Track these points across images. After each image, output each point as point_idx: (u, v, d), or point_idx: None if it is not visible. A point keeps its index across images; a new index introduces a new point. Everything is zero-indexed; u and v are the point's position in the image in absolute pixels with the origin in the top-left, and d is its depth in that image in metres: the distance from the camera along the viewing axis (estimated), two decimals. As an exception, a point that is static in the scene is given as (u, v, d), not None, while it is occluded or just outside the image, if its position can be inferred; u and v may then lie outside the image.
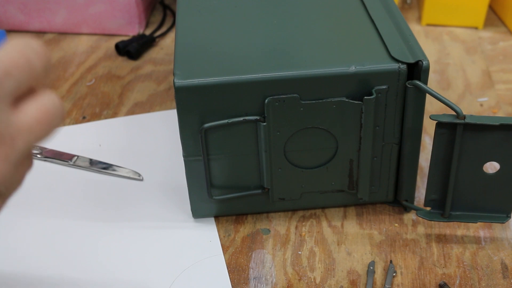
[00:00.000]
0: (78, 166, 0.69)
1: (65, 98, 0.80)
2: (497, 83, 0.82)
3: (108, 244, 0.59)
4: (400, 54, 0.53)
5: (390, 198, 0.61)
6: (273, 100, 0.53)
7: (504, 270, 0.56)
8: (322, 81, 0.52)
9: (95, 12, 0.91)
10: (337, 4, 0.63)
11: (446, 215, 0.57)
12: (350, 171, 0.58)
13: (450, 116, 0.52)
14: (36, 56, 0.35)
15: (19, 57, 0.34)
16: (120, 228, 0.61)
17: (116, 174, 0.68)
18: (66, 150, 0.70)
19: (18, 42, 0.35)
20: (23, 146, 0.36)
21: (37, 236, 0.61)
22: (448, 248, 0.58)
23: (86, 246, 0.59)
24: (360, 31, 0.58)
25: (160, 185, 0.66)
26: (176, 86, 0.52)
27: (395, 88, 0.53)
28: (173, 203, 0.63)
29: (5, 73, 0.34)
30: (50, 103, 0.38)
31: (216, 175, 0.58)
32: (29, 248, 0.59)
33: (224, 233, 0.60)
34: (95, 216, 0.63)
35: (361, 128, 0.54)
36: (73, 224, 0.62)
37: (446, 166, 0.55)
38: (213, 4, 0.64)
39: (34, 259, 0.58)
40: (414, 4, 1.01)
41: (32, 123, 0.36)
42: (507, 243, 0.59)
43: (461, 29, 0.94)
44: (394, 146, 0.57)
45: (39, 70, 0.35)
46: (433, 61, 0.86)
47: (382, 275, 0.56)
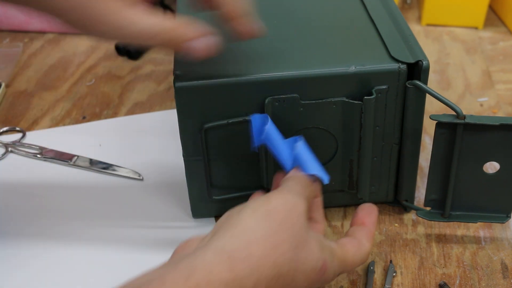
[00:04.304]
0: (78, 166, 0.69)
1: (65, 98, 0.80)
2: (497, 83, 0.82)
3: (107, 244, 0.59)
4: (400, 54, 0.53)
5: (390, 198, 0.61)
6: (273, 100, 0.53)
7: (504, 270, 0.56)
8: (322, 81, 0.52)
9: (95, 12, 0.91)
10: (337, 4, 0.63)
11: (446, 215, 0.57)
12: (350, 171, 0.58)
13: (450, 116, 0.52)
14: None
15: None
16: (120, 228, 0.61)
17: (116, 174, 0.68)
18: (66, 150, 0.70)
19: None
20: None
21: (36, 236, 0.60)
22: (448, 248, 0.58)
23: (86, 246, 0.59)
24: (360, 31, 0.58)
25: (160, 185, 0.66)
26: (176, 87, 0.52)
27: (395, 88, 0.53)
28: (173, 203, 0.63)
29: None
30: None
31: (216, 175, 0.58)
32: (28, 247, 0.59)
33: (224, 233, 0.60)
34: (95, 216, 0.63)
35: (361, 128, 0.54)
36: (73, 224, 0.62)
37: (446, 166, 0.55)
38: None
39: (33, 259, 0.58)
40: (414, 4, 1.01)
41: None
42: (507, 243, 0.59)
43: (461, 29, 0.94)
44: (394, 146, 0.57)
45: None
46: (433, 61, 0.86)
47: (382, 275, 0.56)
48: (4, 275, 0.57)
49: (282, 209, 0.43)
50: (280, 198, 0.44)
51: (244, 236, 0.41)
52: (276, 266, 0.41)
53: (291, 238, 0.42)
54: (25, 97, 0.81)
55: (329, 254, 0.45)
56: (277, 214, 0.42)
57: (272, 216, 0.42)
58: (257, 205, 0.43)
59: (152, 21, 0.45)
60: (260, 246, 0.40)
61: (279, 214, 0.42)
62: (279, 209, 0.43)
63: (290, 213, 0.43)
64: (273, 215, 0.42)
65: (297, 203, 0.44)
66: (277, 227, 0.42)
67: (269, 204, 0.43)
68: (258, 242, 0.40)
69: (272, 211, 0.42)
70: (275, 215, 0.42)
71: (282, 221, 0.42)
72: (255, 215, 0.42)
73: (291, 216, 0.43)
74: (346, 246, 0.48)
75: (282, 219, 0.42)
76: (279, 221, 0.42)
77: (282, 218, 0.42)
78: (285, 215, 0.42)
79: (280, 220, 0.42)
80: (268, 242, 0.41)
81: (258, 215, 0.42)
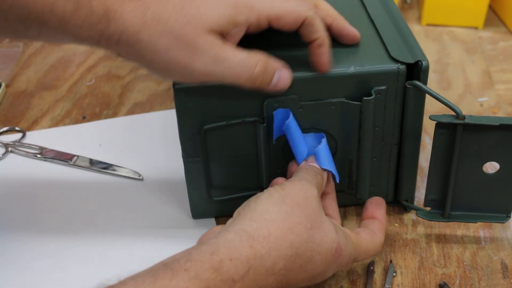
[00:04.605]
0: (78, 166, 0.69)
1: (65, 98, 0.80)
2: (497, 83, 0.82)
3: (107, 244, 0.59)
4: (400, 55, 0.53)
5: (390, 198, 0.61)
6: (272, 101, 0.53)
7: (504, 270, 0.56)
8: (321, 82, 0.52)
9: (95, 12, 0.91)
10: (337, 4, 0.63)
11: (446, 215, 0.57)
12: (350, 172, 0.58)
13: (450, 117, 0.52)
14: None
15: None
16: (119, 228, 0.61)
17: (116, 174, 0.68)
18: (66, 150, 0.70)
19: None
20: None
21: (36, 236, 0.60)
22: (448, 248, 0.58)
23: (86, 246, 0.59)
24: (360, 31, 0.58)
25: (160, 185, 0.66)
26: (176, 88, 0.52)
27: (394, 88, 0.53)
28: (173, 203, 0.63)
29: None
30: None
31: (215, 176, 0.58)
32: (28, 247, 0.59)
33: (224, 233, 0.60)
34: (95, 216, 0.63)
35: (360, 128, 0.54)
36: (73, 223, 0.62)
37: (446, 166, 0.55)
38: None
39: (33, 259, 0.58)
40: (414, 4, 1.01)
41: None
42: (507, 243, 0.59)
43: (461, 29, 0.94)
44: (393, 147, 0.57)
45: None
46: (433, 61, 0.86)
47: (382, 275, 0.56)
48: (3, 274, 0.57)
49: (296, 194, 0.47)
50: (293, 186, 0.48)
51: (262, 217, 0.45)
52: (293, 247, 0.44)
53: (306, 220, 0.46)
54: (25, 97, 0.81)
55: (343, 237, 0.48)
56: (292, 198, 0.46)
57: (288, 200, 0.46)
58: (272, 191, 0.47)
59: (245, 55, 0.48)
60: (278, 227, 0.44)
61: (294, 198, 0.46)
62: (293, 194, 0.47)
63: (303, 197, 0.47)
64: (288, 199, 0.46)
65: (308, 189, 0.48)
66: (292, 210, 0.46)
67: (284, 190, 0.47)
68: (275, 223, 0.44)
69: (287, 195, 0.46)
70: (290, 199, 0.46)
71: (297, 204, 0.46)
72: (272, 199, 0.46)
73: (305, 200, 0.47)
74: (360, 233, 0.51)
75: (297, 203, 0.46)
76: (294, 204, 0.46)
77: (296, 202, 0.46)
78: (299, 199, 0.46)
79: (295, 204, 0.46)
80: (285, 223, 0.45)
81: (274, 199, 0.46)
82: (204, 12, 0.46)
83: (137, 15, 0.46)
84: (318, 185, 0.50)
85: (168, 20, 0.46)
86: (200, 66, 0.47)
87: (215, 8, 0.47)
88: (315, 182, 0.49)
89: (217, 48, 0.47)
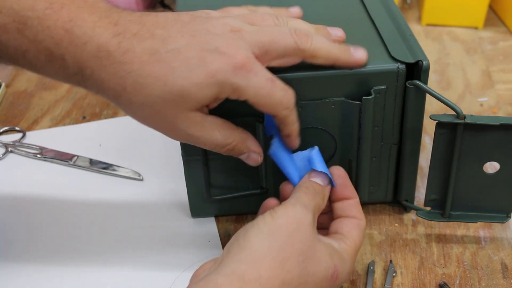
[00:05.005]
0: (78, 166, 0.69)
1: (65, 98, 0.80)
2: (497, 83, 0.82)
3: (107, 244, 0.59)
4: (400, 54, 0.53)
5: (389, 198, 0.61)
6: (273, 100, 0.52)
7: (504, 270, 0.56)
8: (321, 81, 0.52)
9: (95, 12, 0.91)
10: (337, 4, 0.63)
11: (446, 215, 0.57)
12: (349, 171, 0.57)
13: (450, 116, 0.52)
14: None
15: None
16: (119, 228, 0.61)
17: (116, 174, 0.68)
18: (66, 150, 0.70)
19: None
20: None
21: (36, 236, 0.60)
22: (448, 248, 0.58)
23: (86, 246, 0.59)
24: (360, 31, 0.58)
25: (160, 185, 0.66)
26: None
27: (394, 88, 0.53)
28: (173, 203, 0.63)
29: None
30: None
31: (215, 175, 0.58)
32: (28, 247, 0.59)
33: (224, 233, 0.60)
34: (95, 216, 0.63)
35: (359, 128, 0.54)
36: (73, 224, 0.62)
37: (446, 166, 0.55)
38: (212, 4, 0.64)
39: (33, 258, 0.58)
40: (414, 4, 1.01)
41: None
42: (507, 243, 0.59)
43: (461, 29, 0.94)
44: (393, 146, 0.57)
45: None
46: (433, 61, 0.86)
47: (382, 275, 0.56)
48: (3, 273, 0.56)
49: (287, 225, 0.44)
50: (285, 214, 0.45)
51: (252, 257, 0.42)
52: (285, 284, 0.42)
53: (298, 252, 0.43)
54: (25, 97, 0.81)
55: (339, 259, 0.46)
56: (282, 231, 0.44)
57: (277, 234, 0.43)
58: (262, 223, 0.44)
59: (220, 136, 0.48)
60: (269, 266, 0.42)
61: (285, 230, 0.44)
62: (284, 225, 0.44)
63: (295, 227, 0.44)
64: (278, 232, 0.44)
65: (302, 217, 0.45)
66: (283, 244, 0.43)
67: (274, 221, 0.44)
68: (265, 262, 0.42)
69: (276, 228, 0.44)
70: (280, 232, 0.44)
71: (288, 237, 0.43)
72: (261, 235, 0.43)
73: (297, 230, 0.44)
74: (353, 236, 0.49)
75: (288, 235, 0.43)
76: (284, 238, 0.43)
77: (287, 234, 0.44)
78: (291, 230, 0.44)
79: (286, 237, 0.43)
80: (276, 261, 0.42)
81: (263, 235, 0.43)
82: (189, 93, 0.44)
83: (116, 81, 0.44)
84: (316, 207, 0.48)
85: (151, 94, 0.44)
86: (175, 136, 0.48)
87: (200, 88, 0.44)
88: (313, 205, 0.47)
89: (194, 128, 0.46)
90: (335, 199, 0.51)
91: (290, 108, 0.47)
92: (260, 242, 0.43)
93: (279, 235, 0.43)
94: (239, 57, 0.44)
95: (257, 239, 0.43)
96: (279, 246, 0.43)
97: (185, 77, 0.44)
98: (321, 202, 0.49)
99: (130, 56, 0.43)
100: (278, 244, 0.43)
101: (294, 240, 0.43)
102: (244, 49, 0.45)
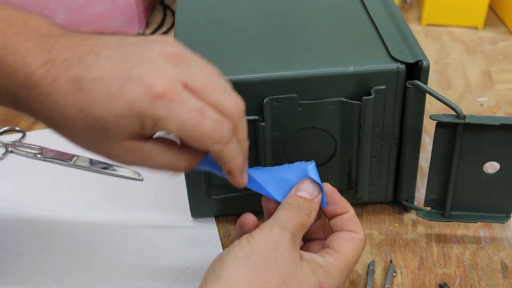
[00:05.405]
0: (78, 166, 0.69)
1: (65, 98, 0.80)
2: (497, 83, 0.82)
3: (108, 244, 0.59)
4: (400, 54, 0.53)
5: (389, 198, 0.61)
6: (272, 100, 0.53)
7: (504, 270, 0.56)
8: (321, 81, 0.52)
9: (95, 12, 0.91)
10: (337, 4, 0.63)
11: (446, 215, 0.57)
12: (349, 171, 0.58)
13: (450, 116, 0.52)
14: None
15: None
16: (119, 228, 0.61)
17: (116, 174, 0.68)
18: (66, 150, 0.70)
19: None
20: None
21: (36, 236, 0.60)
22: (448, 248, 0.58)
23: (86, 246, 0.59)
24: (360, 31, 0.58)
25: (160, 185, 0.66)
26: None
27: (394, 88, 0.53)
28: (173, 203, 0.63)
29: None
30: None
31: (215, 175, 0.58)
32: (28, 247, 0.59)
33: (224, 233, 0.60)
34: (94, 216, 0.63)
35: (359, 128, 0.54)
36: (73, 224, 0.62)
37: (446, 166, 0.55)
38: (212, 4, 0.64)
39: (32, 258, 0.58)
40: (414, 4, 1.01)
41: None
42: (507, 243, 0.59)
43: (461, 29, 0.94)
44: (393, 146, 0.57)
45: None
46: (433, 61, 0.86)
47: (382, 275, 0.56)
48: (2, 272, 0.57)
49: (263, 249, 0.42)
50: (262, 238, 0.43)
51: (228, 286, 0.41)
52: None
53: (277, 276, 0.41)
54: (25, 97, 0.80)
55: (324, 274, 0.44)
56: (258, 255, 0.42)
57: (253, 259, 0.42)
58: (237, 249, 0.43)
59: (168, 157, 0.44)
60: None
61: (261, 255, 0.42)
62: (259, 250, 0.42)
63: (272, 250, 0.42)
64: (254, 258, 0.42)
65: (279, 238, 0.43)
66: (260, 269, 0.41)
67: (250, 245, 0.42)
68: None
69: (252, 253, 0.42)
70: (256, 258, 0.42)
71: (265, 262, 0.42)
72: (236, 262, 0.42)
73: (274, 253, 0.42)
74: (342, 249, 0.46)
75: (265, 260, 0.42)
76: (261, 263, 0.42)
77: (263, 259, 0.42)
78: (267, 254, 0.42)
79: (262, 262, 0.42)
80: (254, 287, 0.41)
81: (239, 262, 0.42)
82: (110, 125, 0.41)
83: (45, 112, 0.42)
84: (298, 225, 0.45)
85: (76, 125, 0.42)
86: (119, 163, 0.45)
87: (119, 119, 0.41)
88: (293, 224, 0.44)
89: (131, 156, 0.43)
90: (329, 217, 0.49)
91: (224, 142, 0.42)
92: (236, 270, 0.41)
93: (256, 261, 0.42)
94: (160, 85, 0.40)
95: (233, 267, 0.42)
96: (257, 272, 0.41)
97: (105, 108, 0.40)
98: (306, 219, 0.46)
99: (55, 85, 0.41)
100: (255, 270, 0.41)
101: (271, 264, 0.42)
102: (170, 77, 0.41)
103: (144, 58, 0.41)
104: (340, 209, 0.48)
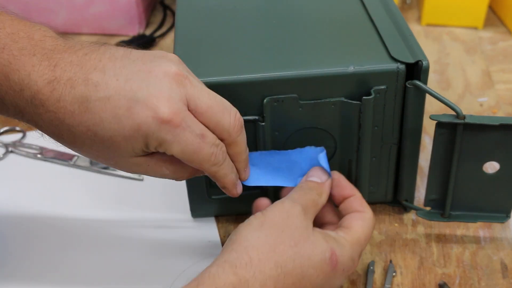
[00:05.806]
0: (78, 166, 0.69)
1: (65, 98, 0.80)
2: (497, 83, 0.82)
3: (107, 244, 0.59)
4: (400, 54, 0.53)
5: (389, 198, 0.61)
6: (272, 100, 0.53)
7: (504, 270, 0.56)
8: (321, 81, 0.52)
9: (95, 12, 0.91)
10: (336, 4, 0.63)
11: (446, 215, 0.57)
12: (349, 171, 0.58)
13: (450, 116, 0.52)
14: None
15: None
16: (119, 228, 0.61)
17: (116, 174, 0.68)
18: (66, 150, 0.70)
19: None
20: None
21: (36, 236, 0.61)
22: (448, 248, 0.58)
23: (86, 246, 0.59)
24: (359, 31, 0.58)
25: (160, 185, 0.66)
26: None
27: (394, 88, 0.53)
28: (173, 203, 0.63)
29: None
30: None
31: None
32: (28, 247, 0.59)
33: (224, 233, 0.60)
34: (95, 216, 0.63)
35: (359, 128, 0.54)
36: (73, 224, 0.62)
37: (446, 166, 0.55)
38: (212, 4, 0.64)
39: (32, 258, 0.58)
40: (414, 4, 1.01)
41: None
42: (507, 243, 0.59)
43: (461, 29, 0.94)
44: (393, 146, 0.57)
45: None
46: (433, 61, 0.86)
47: (382, 275, 0.56)
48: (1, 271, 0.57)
49: (275, 217, 0.47)
50: (273, 209, 0.47)
51: (242, 246, 0.45)
52: (278, 266, 0.44)
53: (289, 238, 0.45)
54: (25, 97, 0.80)
55: (335, 243, 0.47)
56: (271, 222, 0.46)
57: (266, 224, 0.46)
58: (252, 218, 0.47)
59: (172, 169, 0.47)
60: (259, 250, 0.44)
61: (273, 221, 0.46)
62: (272, 217, 0.46)
63: (283, 218, 0.46)
64: (267, 223, 0.46)
65: (290, 208, 0.47)
66: (272, 232, 0.45)
67: (263, 215, 0.47)
68: (255, 247, 0.44)
69: (265, 220, 0.46)
70: (269, 223, 0.46)
71: (276, 226, 0.46)
72: (250, 227, 0.46)
73: (285, 220, 0.46)
74: (352, 226, 0.50)
75: (276, 225, 0.46)
76: (273, 227, 0.46)
77: (276, 224, 0.46)
78: (279, 221, 0.46)
79: (274, 226, 0.46)
80: (266, 246, 0.44)
81: (253, 226, 0.46)
82: (118, 145, 0.43)
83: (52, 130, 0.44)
84: (308, 201, 0.49)
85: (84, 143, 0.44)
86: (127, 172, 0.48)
87: (127, 140, 0.43)
88: (304, 200, 0.49)
89: (137, 169, 0.46)
90: (337, 202, 0.53)
91: (219, 164, 0.46)
92: (249, 233, 0.45)
93: (268, 226, 0.46)
94: (166, 110, 0.42)
95: (246, 231, 0.46)
96: (269, 234, 0.45)
97: (112, 128, 0.42)
98: (317, 197, 0.50)
99: (62, 105, 0.42)
100: (268, 232, 0.45)
101: (283, 228, 0.46)
102: (176, 99, 0.43)
103: (150, 78, 0.43)
104: (347, 192, 0.53)
